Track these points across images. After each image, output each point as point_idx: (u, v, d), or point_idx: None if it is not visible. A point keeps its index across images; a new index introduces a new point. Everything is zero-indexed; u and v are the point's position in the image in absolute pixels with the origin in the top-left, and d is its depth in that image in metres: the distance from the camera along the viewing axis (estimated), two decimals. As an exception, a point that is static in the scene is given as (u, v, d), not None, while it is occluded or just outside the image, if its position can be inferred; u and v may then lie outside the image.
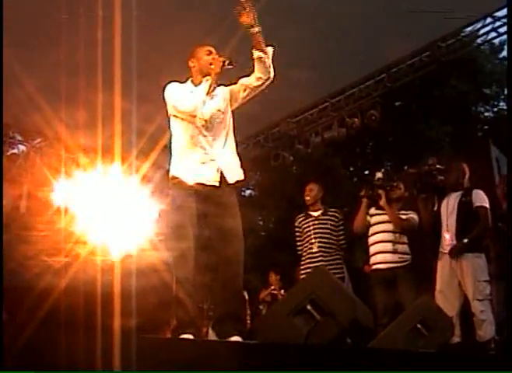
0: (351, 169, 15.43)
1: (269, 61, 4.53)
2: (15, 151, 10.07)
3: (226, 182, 4.46)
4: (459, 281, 6.09)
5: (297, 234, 7.25)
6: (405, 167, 9.96)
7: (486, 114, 15.86)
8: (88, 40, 6.36)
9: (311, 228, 7.07)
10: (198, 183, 4.43)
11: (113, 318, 3.36)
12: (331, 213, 7.16)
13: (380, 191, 6.80)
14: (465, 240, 6.05)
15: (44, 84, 7.24)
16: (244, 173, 4.64)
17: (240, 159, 4.65)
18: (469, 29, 8.23)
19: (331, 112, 9.39)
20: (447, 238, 6.22)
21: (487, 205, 6.17)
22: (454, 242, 6.13)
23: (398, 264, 6.57)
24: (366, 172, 13.43)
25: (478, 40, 8.61)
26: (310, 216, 7.17)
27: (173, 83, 4.65)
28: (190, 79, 4.69)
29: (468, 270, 6.00)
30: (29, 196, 8.93)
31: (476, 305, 5.89)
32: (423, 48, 8.35)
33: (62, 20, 6.36)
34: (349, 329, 4.60)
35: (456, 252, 6.07)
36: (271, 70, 4.55)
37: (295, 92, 8.41)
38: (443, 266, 6.24)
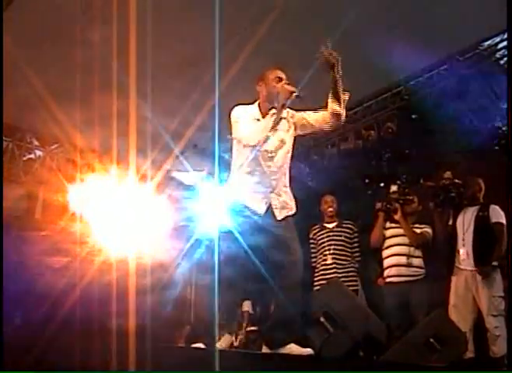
0: (366, 181, 15.33)
1: (343, 111, 4.45)
2: (31, 156, 10.11)
3: (274, 216, 4.43)
4: (473, 296, 6.06)
5: (312, 245, 7.23)
6: (421, 180, 9.88)
7: (504, 129, 15.73)
8: (102, 44, 6.38)
9: (325, 239, 7.06)
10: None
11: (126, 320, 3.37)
12: (345, 225, 7.15)
13: (396, 205, 6.78)
14: (495, 263, 5.99)
15: (58, 88, 7.26)
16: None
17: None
18: (488, 42, 8.19)
19: (347, 123, 9.37)
20: (463, 253, 6.19)
21: (504, 221, 6.13)
22: (471, 258, 6.11)
23: (412, 278, 6.54)
24: (382, 185, 13.31)
25: (497, 54, 8.56)
26: (325, 228, 7.15)
27: (240, 108, 4.56)
28: (257, 103, 4.59)
29: (484, 285, 5.96)
30: (44, 200, 8.98)
31: (491, 320, 5.85)
32: (441, 61, 8.32)
33: (77, 26, 6.39)
34: (362, 342, 4.59)
35: (486, 275, 6.01)
36: (343, 118, 4.49)
37: (311, 103, 8.39)
38: (457, 280, 6.21)
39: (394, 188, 6.99)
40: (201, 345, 4.14)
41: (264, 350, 4.32)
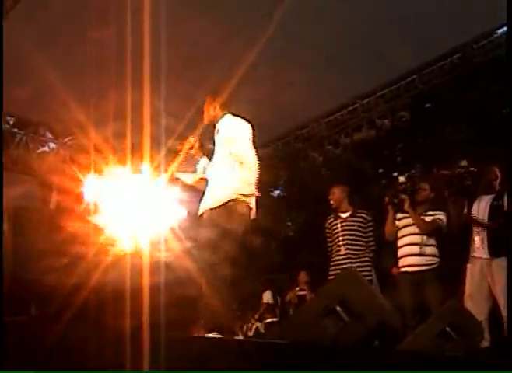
0: (380, 170, 15.33)
1: None
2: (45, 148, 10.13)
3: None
4: (489, 285, 6.03)
5: (327, 235, 7.23)
6: (435, 169, 9.84)
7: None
8: (116, 38, 6.38)
9: (339, 229, 7.05)
10: None
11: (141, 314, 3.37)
12: (359, 214, 7.12)
13: (403, 196, 6.77)
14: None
15: (73, 82, 7.26)
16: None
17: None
18: (502, 30, 8.12)
19: (361, 113, 9.35)
20: (477, 241, 6.17)
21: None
22: (486, 247, 6.08)
23: (426, 267, 6.53)
24: (395, 174, 13.31)
25: (511, 42, 8.49)
26: (339, 217, 7.14)
27: None
28: None
29: (499, 274, 5.94)
30: (59, 194, 9.00)
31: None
32: (455, 50, 8.27)
33: (91, 19, 6.40)
34: (378, 331, 4.57)
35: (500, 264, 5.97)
36: None
37: (325, 93, 8.39)
38: (473, 269, 6.19)
39: (401, 179, 7.00)
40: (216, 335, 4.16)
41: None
